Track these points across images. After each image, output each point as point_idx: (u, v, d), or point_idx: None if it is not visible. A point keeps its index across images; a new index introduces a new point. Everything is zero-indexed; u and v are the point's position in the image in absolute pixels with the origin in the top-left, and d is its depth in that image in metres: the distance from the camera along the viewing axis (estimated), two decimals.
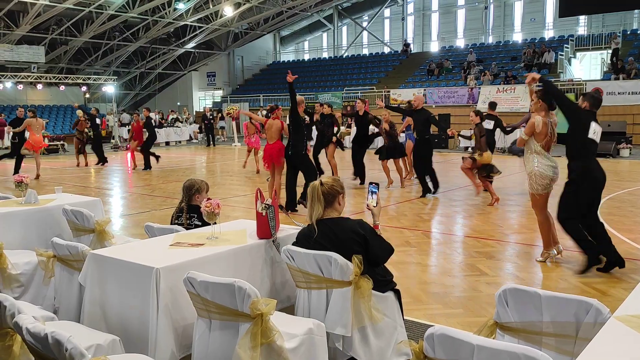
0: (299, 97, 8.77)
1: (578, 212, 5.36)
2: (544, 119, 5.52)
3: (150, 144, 15.69)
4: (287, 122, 8.95)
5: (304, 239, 3.42)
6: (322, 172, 10.69)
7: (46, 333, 2.47)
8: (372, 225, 3.46)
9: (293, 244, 3.45)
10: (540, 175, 5.54)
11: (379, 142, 19.30)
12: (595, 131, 5.36)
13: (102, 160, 16.63)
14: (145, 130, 15.55)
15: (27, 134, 14.07)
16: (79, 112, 17.42)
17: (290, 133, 8.67)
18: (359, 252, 3.24)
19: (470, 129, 11.56)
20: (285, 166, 8.83)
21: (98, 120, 16.87)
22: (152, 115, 26.59)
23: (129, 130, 20.96)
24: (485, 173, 9.35)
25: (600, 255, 5.39)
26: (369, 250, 3.29)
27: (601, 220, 5.72)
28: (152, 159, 15.52)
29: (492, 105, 11.17)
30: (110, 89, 26.68)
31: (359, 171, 11.40)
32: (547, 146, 5.62)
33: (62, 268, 3.86)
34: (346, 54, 35.93)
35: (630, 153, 16.68)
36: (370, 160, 13.00)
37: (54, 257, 3.91)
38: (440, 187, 10.31)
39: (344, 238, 3.30)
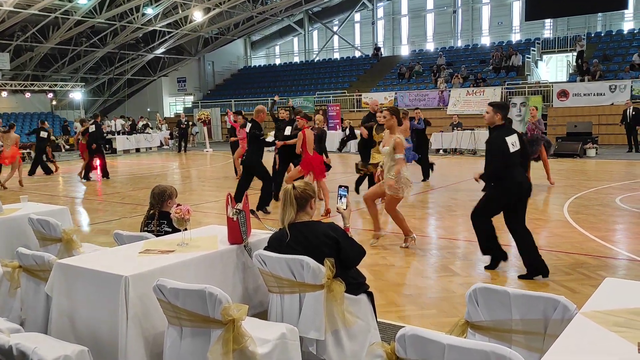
0: (259, 107, 8.98)
1: (492, 214, 5.67)
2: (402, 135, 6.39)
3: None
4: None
5: (276, 243, 3.40)
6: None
7: (10, 345, 2.41)
8: (343, 228, 3.47)
9: (265, 249, 3.43)
10: (407, 180, 6.35)
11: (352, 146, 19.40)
12: (513, 143, 5.42)
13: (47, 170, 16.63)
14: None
15: None
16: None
17: (248, 143, 9.01)
18: (330, 255, 3.23)
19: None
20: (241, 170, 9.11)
21: (43, 133, 16.65)
22: (121, 121, 26.27)
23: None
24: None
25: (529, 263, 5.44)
26: (341, 252, 3.30)
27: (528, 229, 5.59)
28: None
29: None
30: (77, 95, 26.26)
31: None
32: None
33: (28, 278, 3.77)
34: (317, 59, 36.04)
35: (596, 153, 17.08)
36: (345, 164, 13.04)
37: (20, 268, 3.81)
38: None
39: (316, 241, 3.29)
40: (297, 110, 9.87)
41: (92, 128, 14.79)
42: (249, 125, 8.89)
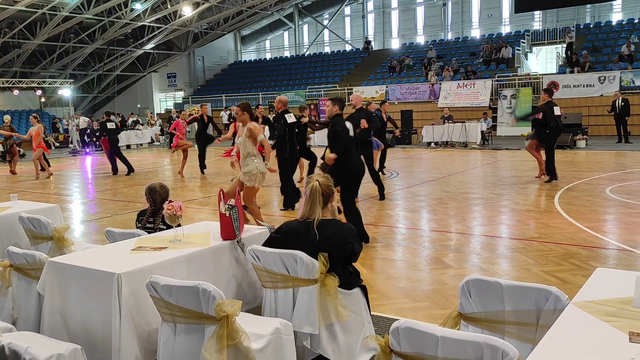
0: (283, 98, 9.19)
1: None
2: (257, 124, 6.83)
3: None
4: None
5: (294, 237, 3.35)
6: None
7: (2, 344, 2.40)
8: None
9: (273, 235, 3.43)
10: (262, 173, 6.66)
11: None
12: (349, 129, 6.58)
13: None
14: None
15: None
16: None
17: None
18: (342, 256, 3.27)
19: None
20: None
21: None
22: (85, 118, 25.93)
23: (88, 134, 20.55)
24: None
25: None
26: (353, 257, 3.35)
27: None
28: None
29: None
30: (66, 92, 26.00)
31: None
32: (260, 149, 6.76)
33: (19, 277, 3.75)
34: (308, 53, 35.94)
35: (586, 144, 17.18)
36: None
37: (11, 267, 3.79)
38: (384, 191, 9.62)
39: (340, 242, 3.29)
40: (303, 106, 10.13)
41: (111, 125, 14.69)
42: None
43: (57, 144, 26.27)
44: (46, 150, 14.89)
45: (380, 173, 12.07)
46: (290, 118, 8.82)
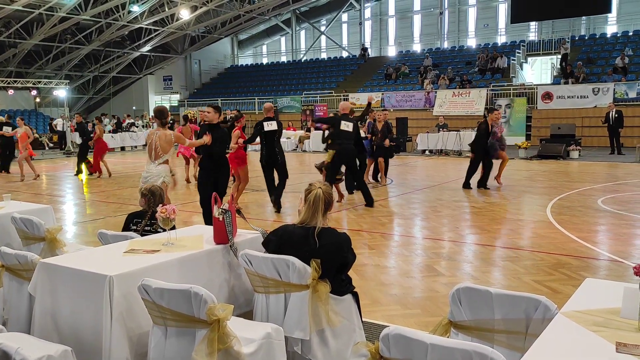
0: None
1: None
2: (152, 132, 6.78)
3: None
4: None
5: (289, 240, 3.34)
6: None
7: None
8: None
9: (268, 237, 3.42)
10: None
11: None
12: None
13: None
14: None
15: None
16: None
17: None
18: (336, 264, 3.29)
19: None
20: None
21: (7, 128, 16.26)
22: (60, 120, 25.92)
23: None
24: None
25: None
26: (347, 267, 3.38)
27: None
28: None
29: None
30: (61, 93, 25.89)
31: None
32: (150, 155, 6.71)
33: (10, 278, 3.73)
34: (305, 58, 36.02)
35: (579, 155, 17.27)
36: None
37: (2, 267, 3.77)
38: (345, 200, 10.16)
39: (335, 251, 3.30)
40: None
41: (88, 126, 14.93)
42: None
43: (50, 145, 26.17)
44: (32, 154, 14.93)
45: (374, 181, 12.15)
46: (270, 126, 8.83)
